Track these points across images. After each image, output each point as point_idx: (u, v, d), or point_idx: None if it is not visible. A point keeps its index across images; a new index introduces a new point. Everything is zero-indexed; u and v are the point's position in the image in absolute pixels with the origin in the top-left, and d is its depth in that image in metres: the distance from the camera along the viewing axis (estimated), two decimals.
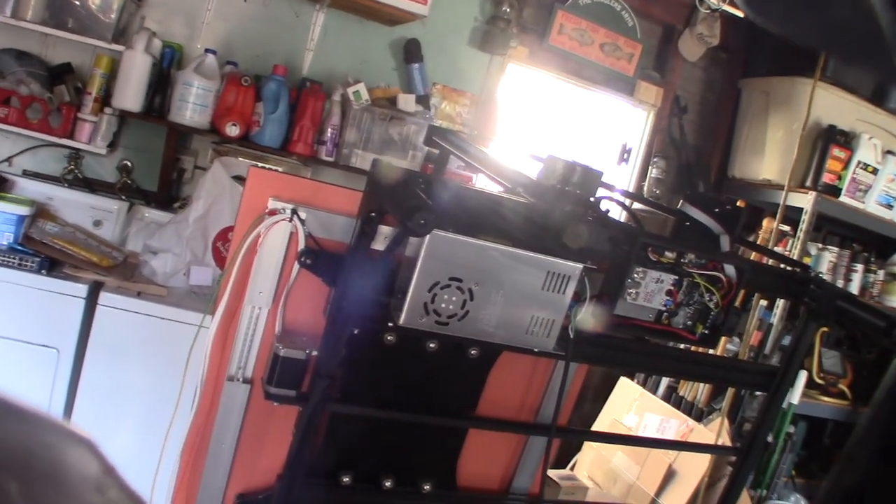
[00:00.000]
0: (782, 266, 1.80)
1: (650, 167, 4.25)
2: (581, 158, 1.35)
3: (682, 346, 1.55)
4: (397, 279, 1.20)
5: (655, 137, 4.27)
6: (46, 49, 3.11)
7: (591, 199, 1.29)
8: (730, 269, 1.33)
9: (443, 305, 1.15)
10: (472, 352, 1.32)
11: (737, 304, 1.41)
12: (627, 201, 1.63)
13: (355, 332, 1.24)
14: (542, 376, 1.63)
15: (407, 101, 3.31)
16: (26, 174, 3.09)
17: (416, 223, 1.00)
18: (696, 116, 4.40)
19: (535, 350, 1.23)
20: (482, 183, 2.79)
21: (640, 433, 3.85)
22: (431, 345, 1.24)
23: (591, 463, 3.80)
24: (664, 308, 1.32)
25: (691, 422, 3.73)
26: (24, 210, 2.55)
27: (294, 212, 1.33)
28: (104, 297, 2.52)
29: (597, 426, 3.89)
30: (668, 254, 1.27)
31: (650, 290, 1.29)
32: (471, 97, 3.67)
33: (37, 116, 2.94)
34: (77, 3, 2.95)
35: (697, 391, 3.82)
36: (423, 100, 3.46)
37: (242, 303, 1.39)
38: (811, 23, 0.53)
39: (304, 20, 3.37)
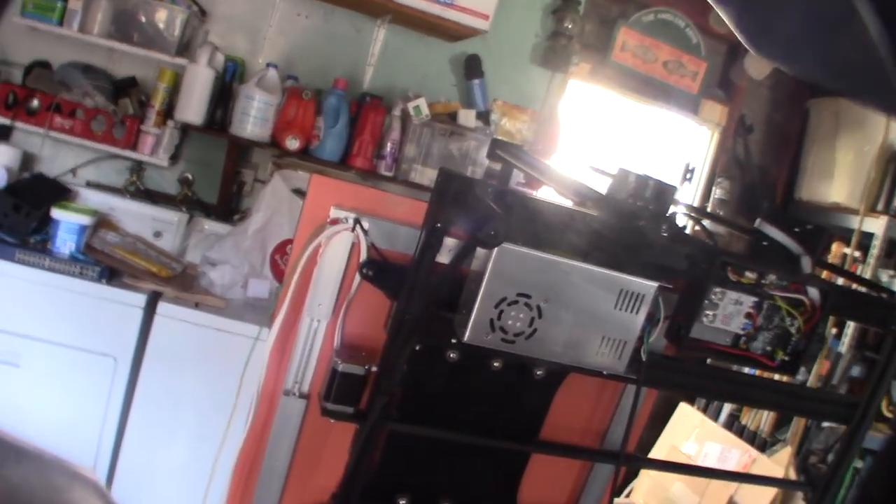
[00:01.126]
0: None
1: (714, 187, 4.14)
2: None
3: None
4: (462, 294, 1.15)
5: (720, 157, 4.16)
6: (112, 63, 3.17)
7: (666, 215, 1.23)
8: (813, 293, 1.25)
9: (509, 322, 1.09)
10: (538, 372, 1.26)
11: None
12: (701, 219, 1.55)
13: (417, 347, 1.20)
14: (610, 400, 1.56)
15: (467, 117, 3.28)
16: (90, 185, 3.14)
17: (486, 234, 0.95)
18: (761, 136, 4.27)
19: (605, 373, 1.17)
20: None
21: (700, 462, 3.73)
22: (496, 363, 1.18)
23: (647, 491, 3.69)
24: (742, 332, 1.24)
25: (754, 451, 3.60)
26: (85, 219, 2.57)
27: (357, 221, 1.28)
28: (162, 307, 2.52)
29: (655, 453, 3.78)
30: (748, 274, 1.20)
31: (728, 313, 1.21)
32: (531, 114, 3.62)
33: (101, 128, 2.98)
34: (142, 18, 2.99)
35: (761, 420, 3.69)
36: (483, 116, 3.42)
37: (301, 315, 1.35)
38: (814, 59, 0.53)
39: (364, 35, 3.37)
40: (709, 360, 1.40)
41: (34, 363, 2.46)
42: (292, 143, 3.03)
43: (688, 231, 1.41)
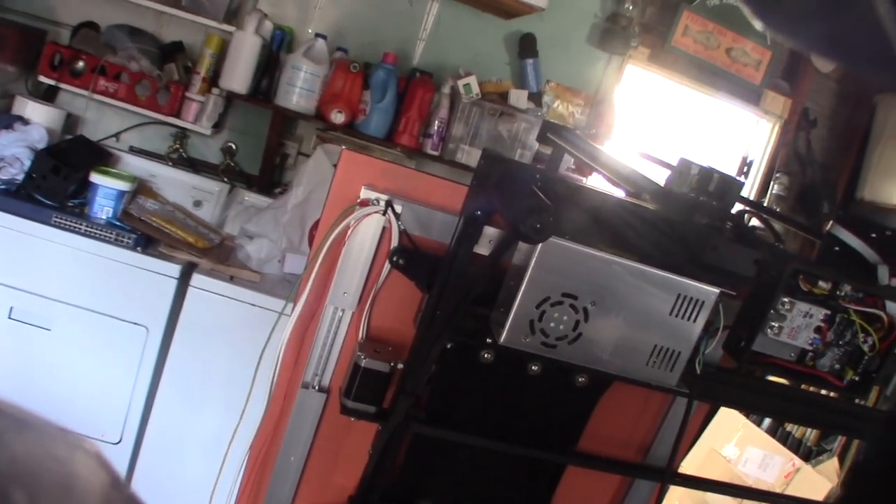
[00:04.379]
0: None
1: (772, 183, 3.97)
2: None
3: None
4: (500, 290, 1.04)
5: (780, 151, 3.98)
6: (160, 27, 3.12)
7: (732, 213, 1.11)
8: (892, 307, 1.12)
9: (552, 325, 0.98)
10: (580, 379, 1.15)
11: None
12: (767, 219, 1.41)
13: (448, 346, 1.10)
14: (655, 412, 1.44)
15: (519, 97, 3.16)
16: (133, 150, 3.11)
17: (531, 227, 0.84)
18: (825, 132, 4.07)
19: (654, 384, 1.06)
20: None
21: (741, 467, 3.61)
22: (534, 367, 1.08)
23: (682, 492, 3.57)
24: (810, 347, 1.12)
25: (798, 460, 3.47)
26: (124, 186, 2.53)
27: (389, 204, 1.18)
28: (196, 278, 2.47)
29: (693, 456, 3.66)
30: (821, 284, 1.07)
31: (796, 325, 1.09)
32: (585, 97, 3.49)
33: (145, 93, 2.95)
34: None
35: (807, 428, 3.54)
36: (535, 97, 3.31)
37: (323, 303, 1.25)
38: (817, 32, 0.53)
39: (417, 9, 3.28)
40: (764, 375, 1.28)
41: (66, 328, 2.44)
42: (337, 117, 2.95)
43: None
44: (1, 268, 2.40)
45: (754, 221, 1.43)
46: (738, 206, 1.27)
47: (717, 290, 1.01)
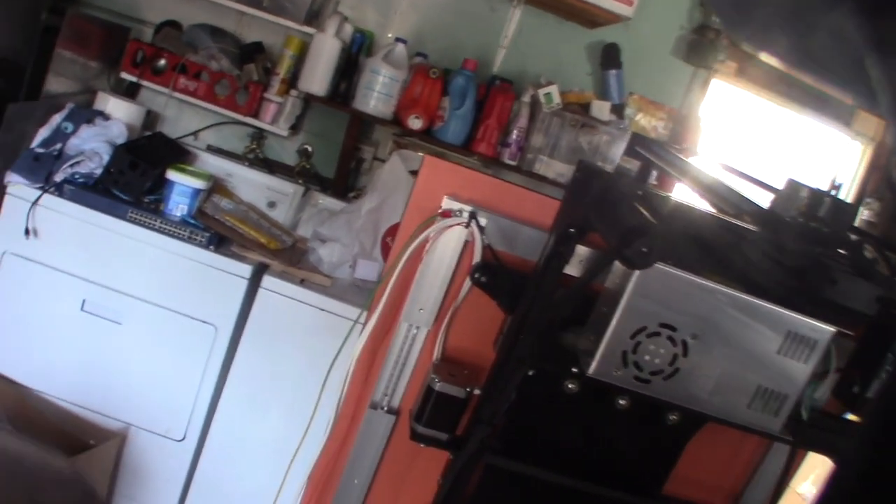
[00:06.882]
0: None
1: (861, 208, 3.77)
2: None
3: None
4: (591, 315, 0.96)
5: (871, 175, 3.78)
6: (241, 27, 3.15)
7: (847, 242, 1.00)
8: None
9: (646, 358, 0.90)
10: (672, 417, 1.05)
11: None
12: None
13: (530, 373, 1.02)
14: (748, 456, 1.33)
15: (601, 109, 3.07)
16: (210, 149, 3.13)
17: (636, 251, 0.76)
18: None
19: (755, 429, 0.96)
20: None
21: None
22: (622, 401, 0.99)
23: None
24: None
25: None
26: (200, 184, 2.54)
27: (473, 216, 1.11)
28: (267, 280, 2.46)
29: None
30: None
31: None
32: (669, 111, 3.37)
33: (224, 93, 2.96)
34: None
35: None
36: (617, 109, 3.21)
37: (398, 318, 1.19)
38: (788, 45, 0.55)
39: (499, 15, 3.22)
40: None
41: (136, 323, 2.46)
42: (415, 123, 2.91)
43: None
44: (75, 260, 2.43)
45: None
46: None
47: (832, 329, 0.91)
